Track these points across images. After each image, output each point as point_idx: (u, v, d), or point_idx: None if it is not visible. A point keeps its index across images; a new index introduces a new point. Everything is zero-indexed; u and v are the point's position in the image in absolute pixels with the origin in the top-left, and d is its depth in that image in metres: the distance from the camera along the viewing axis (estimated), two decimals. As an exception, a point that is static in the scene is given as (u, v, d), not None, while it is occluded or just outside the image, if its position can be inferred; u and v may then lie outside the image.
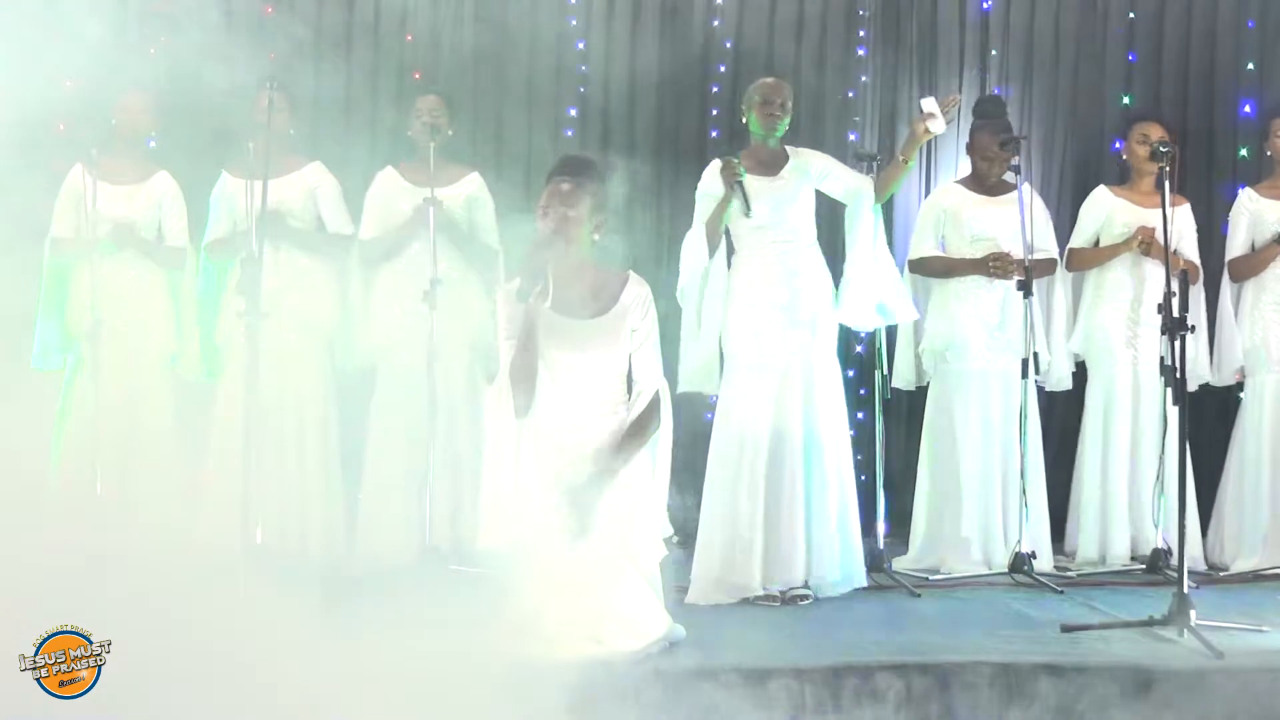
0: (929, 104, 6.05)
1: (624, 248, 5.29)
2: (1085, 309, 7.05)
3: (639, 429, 5.04)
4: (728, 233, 6.25)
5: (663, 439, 5.09)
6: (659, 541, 5.12)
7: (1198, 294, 6.90)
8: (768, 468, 6.07)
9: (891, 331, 6.82)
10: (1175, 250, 6.69)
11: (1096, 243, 7.07)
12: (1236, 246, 6.98)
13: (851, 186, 6.29)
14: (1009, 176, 6.81)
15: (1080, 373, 7.14)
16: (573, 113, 7.98)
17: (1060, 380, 7.07)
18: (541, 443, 4.99)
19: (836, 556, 6.10)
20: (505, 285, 5.08)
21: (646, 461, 5.08)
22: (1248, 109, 8.06)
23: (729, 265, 6.25)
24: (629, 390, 5.10)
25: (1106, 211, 7.03)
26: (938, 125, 6.04)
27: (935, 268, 6.86)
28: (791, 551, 6.02)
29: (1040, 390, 6.96)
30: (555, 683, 4.64)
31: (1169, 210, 5.67)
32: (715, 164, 6.19)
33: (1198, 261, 6.99)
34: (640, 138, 8.02)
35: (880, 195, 6.27)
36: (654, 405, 5.05)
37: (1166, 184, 5.67)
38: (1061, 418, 7.49)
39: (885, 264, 6.34)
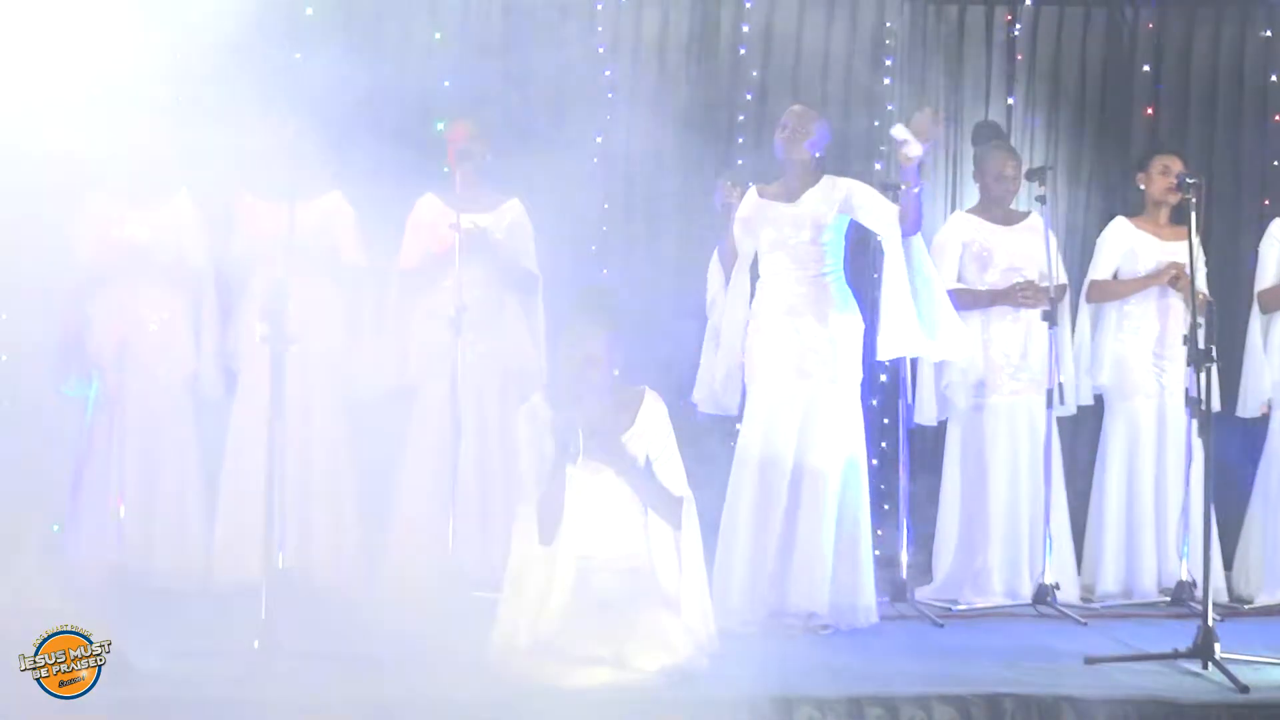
0: (899, 131, 5.98)
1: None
2: (1107, 341, 7.01)
3: (666, 500, 5.16)
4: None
5: (690, 543, 5.18)
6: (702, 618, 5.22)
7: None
8: (759, 495, 6.05)
9: (914, 364, 6.78)
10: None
11: (1116, 275, 7.03)
12: (1267, 277, 6.93)
13: (879, 217, 6.21)
14: (1035, 206, 6.80)
15: (1098, 404, 7.10)
16: (599, 139, 8.00)
17: (1069, 407, 6.99)
18: (565, 565, 5.11)
19: (826, 590, 6.02)
20: (528, 404, 5.27)
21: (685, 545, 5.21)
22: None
23: (753, 290, 6.26)
24: (644, 510, 5.21)
25: (1129, 244, 6.99)
26: (912, 149, 5.93)
27: (961, 300, 6.79)
28: (770, 580, 6.00)
29: (1064, 420, 6.93)
30: (575, 707, 4.65)
31: (1195, 242, 5.65)
32: (751, 189, 6.24)
33: (1206, 292, 6.91)
34: (666, 166, 8.03)
35: (902, 225, 6.14)
36: (679, 504, 5.17)
37: (1194, 216, 5.64)
38: (1087, 449, 7.44)
39: (926, 295, 6.19)
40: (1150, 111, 8.21)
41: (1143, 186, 7.04)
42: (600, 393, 5.13)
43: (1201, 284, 6.86)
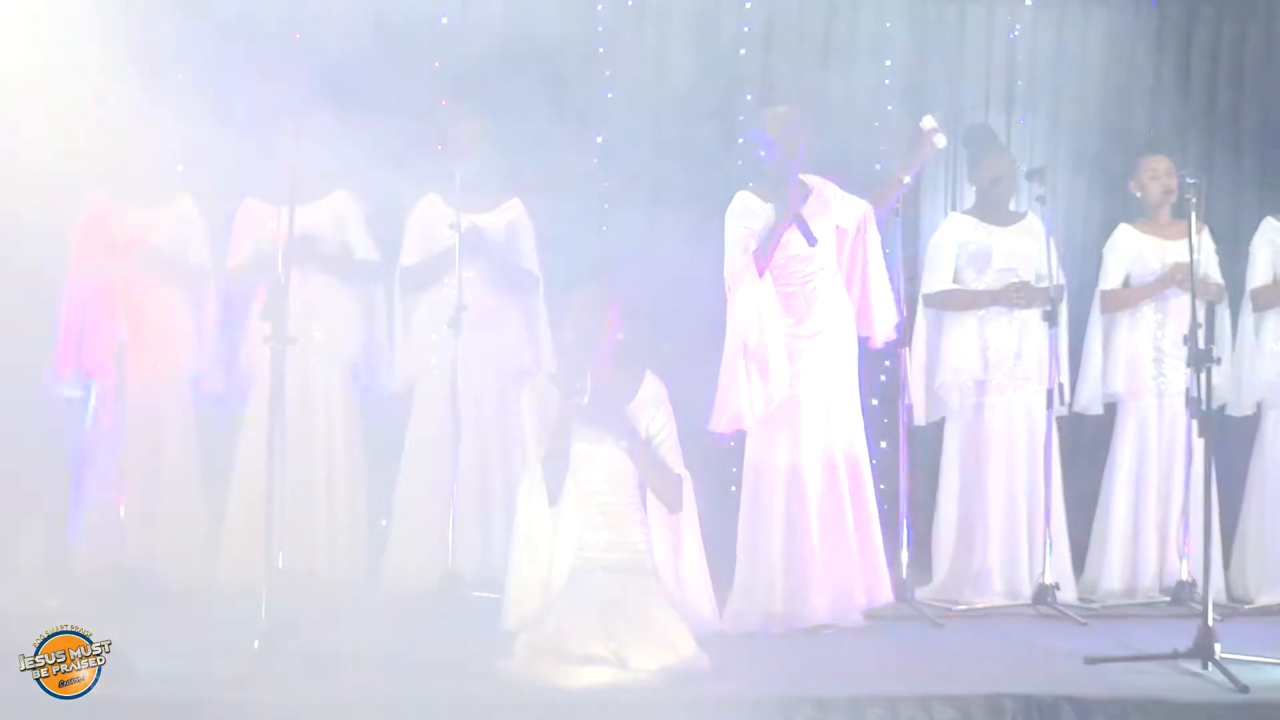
0: (929, 121, 6.22)
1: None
2: (1120, 345, 7.00)
3: (665, 476, 5.26)
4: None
5: (688, 525, 5.33)
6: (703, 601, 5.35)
7: (1223, 312, 6.92)
8: (788, 498, 6.06)
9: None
10: (1204, 276, 6.66)
11: (1126, 281, 7.03)
12: (1258, 275, 6.94)
13: (855, 209, 6.31)
14: (1034, 207, 6.80)
15: (1109, 404, 7.09)
16: (599, 139, 8.00)
17: (1090, 403, 7.02)
18: (568, 536, 5.21)
19: (861, 584, 6.11)
20: (533, 382, 5.45)
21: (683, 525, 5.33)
22: (1274, 140, 8.07)
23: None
24: (641, 493, 5.31)
25: (1137, 250, 6.98)
26: (940, 140, 6.21)
27: (956, 301, 6.82)
28: (817, 583, 6.01)
29: (1063, 421, 6.93)
30: (575, 707, 4.65)
31: (1196, 241, 5.65)
32: (744, 193, 6.21)
33: (1221, 280, 6.93)
34: (666, 164, 8.02)
35: (881, 211, 6.36)
36: (678, 482, 5.30)
37: (1194, 215, 5.64)
38: (1086, 449, 7.43)
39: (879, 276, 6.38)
40: (1150, 112, 8.20)
41: (1138, 194, 7.05)
42: (606, 354, 5.27)
43: (1215, 274, 6.88)
